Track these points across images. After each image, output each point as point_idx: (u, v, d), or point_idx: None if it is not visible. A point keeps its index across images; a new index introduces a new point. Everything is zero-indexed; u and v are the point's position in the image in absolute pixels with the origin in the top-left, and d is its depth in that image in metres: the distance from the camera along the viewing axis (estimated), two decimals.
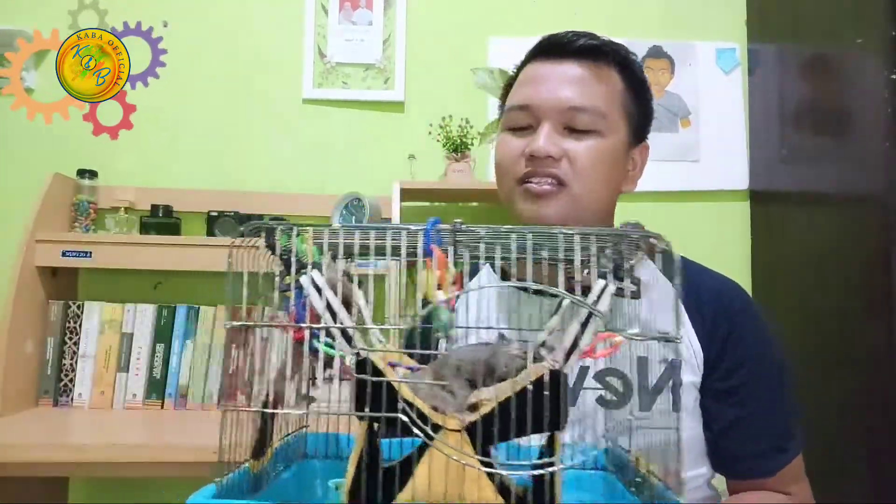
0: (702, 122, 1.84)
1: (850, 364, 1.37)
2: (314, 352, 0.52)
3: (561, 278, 0.50)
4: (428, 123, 1.70)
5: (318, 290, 0.53)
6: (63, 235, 1.52)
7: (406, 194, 1.61)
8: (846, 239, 1.42)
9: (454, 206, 1.81)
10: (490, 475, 0.44)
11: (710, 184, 1.83)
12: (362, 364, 0.47)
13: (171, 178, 1.73)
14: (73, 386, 1.51)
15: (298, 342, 0.54)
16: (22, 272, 1.44)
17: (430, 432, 0.45)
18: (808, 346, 1.50)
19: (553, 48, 0.83)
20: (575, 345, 0.49)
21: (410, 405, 0.46)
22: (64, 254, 1.47)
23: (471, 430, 0.45)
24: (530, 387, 0.45)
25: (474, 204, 1.82)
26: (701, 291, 0.81)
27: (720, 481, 0.85)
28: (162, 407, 1.51)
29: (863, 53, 1.39)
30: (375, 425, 0.46)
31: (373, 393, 0.46)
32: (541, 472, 0.44)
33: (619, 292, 0.51)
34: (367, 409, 0.46)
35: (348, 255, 0.56)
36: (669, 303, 0.64)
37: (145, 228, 1.58)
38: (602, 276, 0.52)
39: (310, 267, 0.53)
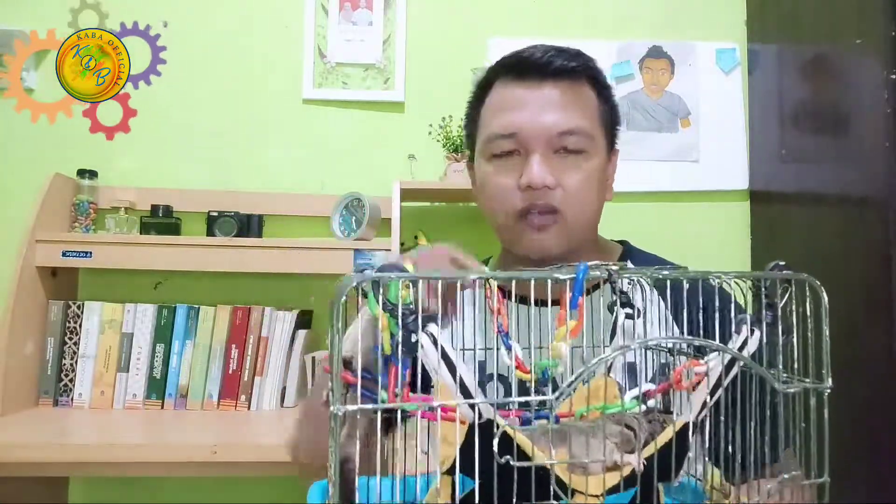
0: (702, 122, 1.84)
1: (851, 364, 1.37)
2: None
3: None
4: (428, 123, 1.70)
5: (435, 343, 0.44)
6: (63, 235, 1.52)
7: (406, 194, 1.61)
8: (846, 239, 1.42)
9: (454, 206, 1.81)
10: None
11: (709, 184, 1.83)
12: (488, 432, 0.39)
13: (171, 178, 1.73)
14: (73, 386, 1.51)
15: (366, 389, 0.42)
16: (22, 272, 1.44)
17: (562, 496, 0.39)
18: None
19: (526, 70, 0.82)
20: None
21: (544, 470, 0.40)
22: (64, 254, 1.47)
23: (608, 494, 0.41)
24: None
25: (474, 204, 1.82)
26: (679, 290, 0.80)
27: None
28: (162, 407, 1.51)
29: (863, 53, 1.39)
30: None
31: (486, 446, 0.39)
32: None
33: (771, 339, 0.47)
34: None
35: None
36: (649, 299, 0.64)
37: (145, 228, 1.58)
38: (755, 321, 0.48)
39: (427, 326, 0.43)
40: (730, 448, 0.47)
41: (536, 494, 0.39)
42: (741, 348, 0.46)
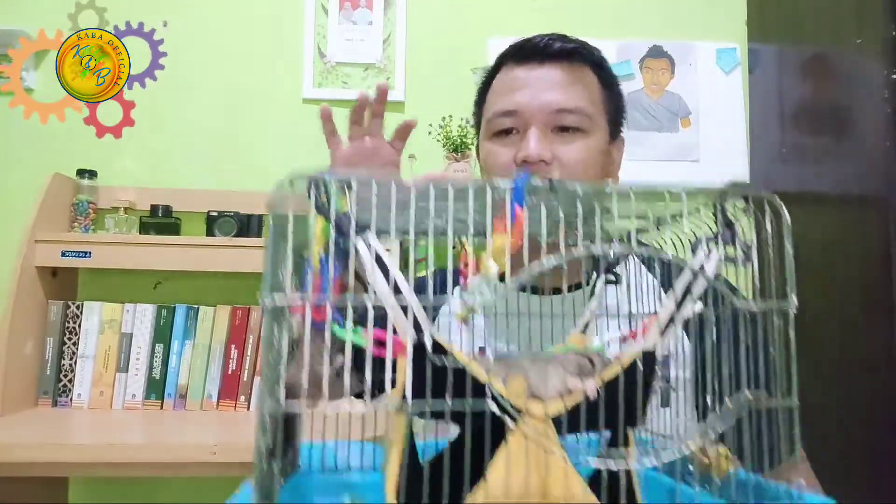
0: (702, 122, 1.84)
1: (851, 364, 1.37)
2: (324, 334, 0.41)
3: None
4: (428, 123, 1.70)
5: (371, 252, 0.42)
6: (63, 235, 1.52)
7: None
8: (846, 238, 1.42)
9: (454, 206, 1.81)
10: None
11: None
12: (420, 347, 0.39)
13: (171, 178, 1.73)
14: (73, 386, 1.51)
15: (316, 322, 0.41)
16: (21, 272, 1.44)
17: (513, 416, 0.39)
18: (808, 345, 1.50)
19: (529, 53, 0.85)
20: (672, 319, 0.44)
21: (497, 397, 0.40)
22: (63, 254, 1.47)
23: (556, 421, 0.40)
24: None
25: None
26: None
27: None
28: (161, 407, 1.51)
29: (863, 53, 1.39)
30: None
31: (440, 380, 0.38)
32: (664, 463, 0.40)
33: (729, 259, 0.45)
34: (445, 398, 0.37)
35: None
36: (648, 287, 0.63)
37: (145, 228, 1.58)
38: (711, 239, 0.46)
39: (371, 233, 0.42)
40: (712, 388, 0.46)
41: (509, 421, 0.39)
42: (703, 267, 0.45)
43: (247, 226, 1.59)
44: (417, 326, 0.40)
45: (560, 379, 0.43)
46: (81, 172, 1.63)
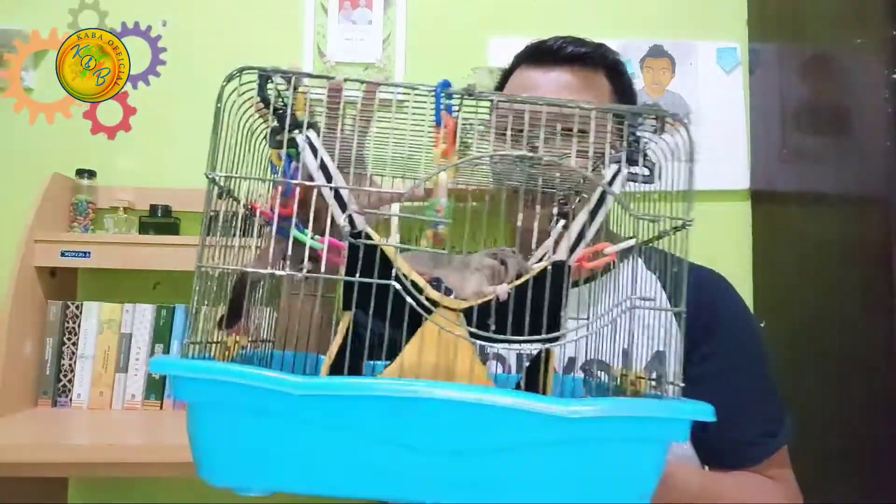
0: (702, 122, 1.83)
1: (851, 364, 1.37)
2: (285, 236, 0.49)
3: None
4: None
5: (315, 152, 0.49)
6: (62, 235, 1.52)
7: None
8: (847, 239, 1.42)
9: (454, 206, 1.81)
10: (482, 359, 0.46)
11: (710, 184, 1.82)
12: (357, 238, 0.47)
13: (171, 178, 1.73)
14: (72, 386, 1.51)
15: (282, 218, 0.50)
16: (20, 272, 1.43)
17: (425, 305, 0.45)
18: (808, 345, 1.50)
19: (542, 55, 0.86)
20: (581, 237, 0.50)
21: (416, 287, 0.46)
22: (63, 254, 1.47)
23: (469, 318, 0.46)
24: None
25: (474, 204, 1.82)
26: (676, 279, 0.82)
27: None
28: (161, 407, 1.51)
29: (863, 53, 1.38)
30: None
31: (368, 267, 0.46)
32: (540, 345, 0.46)
33: (632, 176, 0.49)
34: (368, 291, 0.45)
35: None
36: (648, 286, 0.67)
37: (144, 228, 1.58)
38: (616, 160, 0.50)
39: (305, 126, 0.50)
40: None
41: (395, 307, 0.45)
42: (611, 182, 0.50)
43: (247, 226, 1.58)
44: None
45: (477, 283, 0.49)
46: (81, 172, 1.63)
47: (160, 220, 1.59)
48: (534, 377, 0.51)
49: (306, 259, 0.47)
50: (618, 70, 0.87)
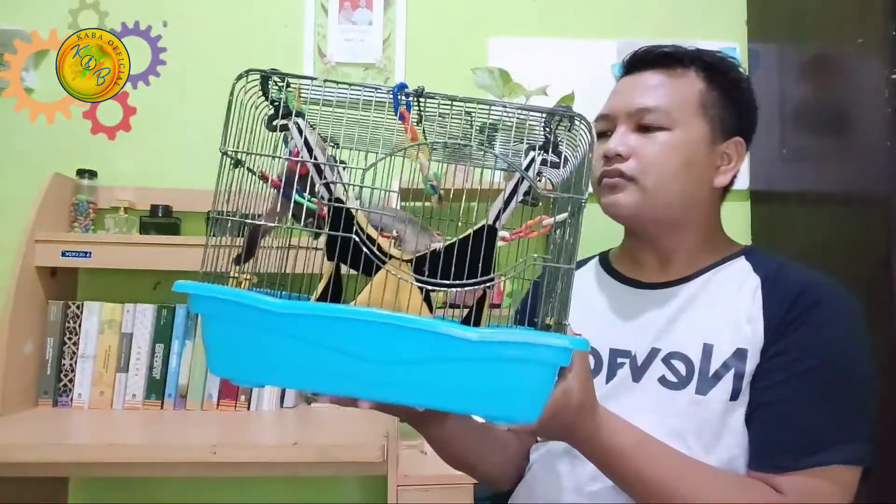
0: None
1: None
2: (288, 197, 0.64)
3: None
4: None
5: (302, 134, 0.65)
6: (62, 235, 1.52)
7: (406, 194, 1.61)
8: (847, 239, 1.42)
9: (454, 206, 1.81)
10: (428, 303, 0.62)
11: None
12: (337, 207, 0.62)
13: (171, 178, 1.73)
14: (73, 386, 1.51)
15: (275, 186, 0.66)
16: (21, 272, 1.44)
17: (380, 256, 0.61)
18: None
19: (634, 62, 0.92)
20: (507, 206, 0.65)
21: (371, 239, 0.62)
22: (63, 254, 1.47)
23: (416, 266, 0.62)
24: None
25: (474, 204, 1.82)
26: (783, 282, 0.82)
27: None
28: (161, 407, 1.51)
29: (863, 53, 1.38)
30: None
31: (344, 226, 0.62)
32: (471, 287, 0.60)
33: (544, 162, 0.63)
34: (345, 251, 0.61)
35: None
36: (748, 286, 0.83)
37: (145, 228, 1.58)
38: (532, 147, 0.63)
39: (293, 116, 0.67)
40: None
41: (375, 259, 0.61)
42: (528, 168, 0.64)
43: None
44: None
45: (424, 238, 0.65)
46: (81, 172, 1.63)
47: (161, 220, 1.59)
48: (476, 318, 0.67)
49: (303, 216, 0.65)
50: (716, 68, 0.88)
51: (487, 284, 0.61)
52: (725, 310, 0.82)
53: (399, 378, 0.58)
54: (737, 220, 1.83)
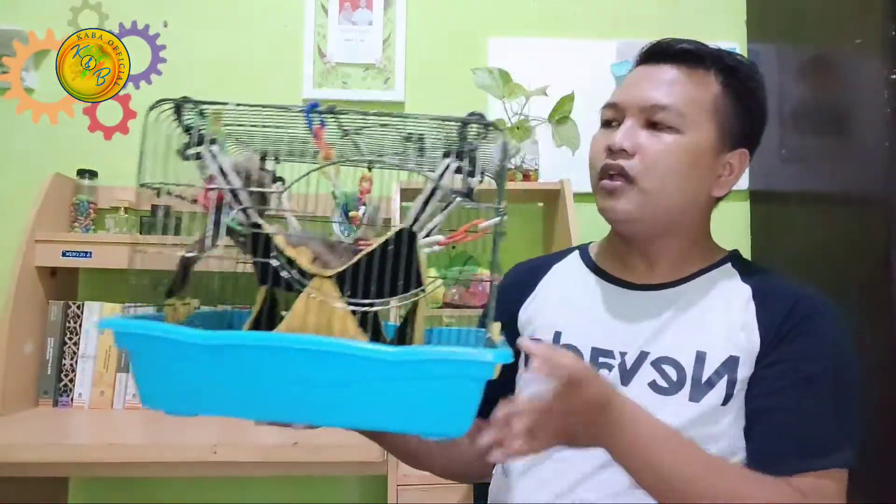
0: None
1: None
2: (216, 222, 0.66)
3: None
4: None
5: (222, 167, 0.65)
6: (63, 235, 1.52)
7: (406, 194, 1.61)
8: (846, 239, 1.42)
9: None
10: (356, 317, 0.60)
11: None
12: (257, 229, 0.63)
13: (171, 178, 1.73)
14: (73, 386, 1.51)
15: (205, 209, 0.68)
16: (22, 272, 1.44)
17: (301, 279, 0.61)
18: None
19: (654, 53, 0.87)
20: (422, 213, 0.63)
21: (291, 261, 0.62)
22: (64, 254, 1.47)
23: (341, 281, 0.61)
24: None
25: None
26: (775, 293, 0.82)
27: None
28: None
29: (863, 53, 1.39)
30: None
31: (264, 250, 0.62)
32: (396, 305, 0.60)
33: (459, 170, 0.63)
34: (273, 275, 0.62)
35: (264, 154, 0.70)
36: (739, 295, 0.82)
37: (145, 228, 1.58)
38: (446, 154, 0.63)
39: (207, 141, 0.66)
40: None
41: (293, 280, 0.61)
42: (442, 176, 0.63)
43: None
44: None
45: (341, 254, 0.64)
46: (82, 172, 1.63)
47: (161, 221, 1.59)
48: (406, 328, 0.67)
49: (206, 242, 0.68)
50: (736, 74, 0.84)
51: (415, 297, 0.61)
52: (717, 317, 0.81)
53: (325, 401, 0.59)
54: (736, 220, 1.83)
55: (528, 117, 1.61)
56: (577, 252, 0.98)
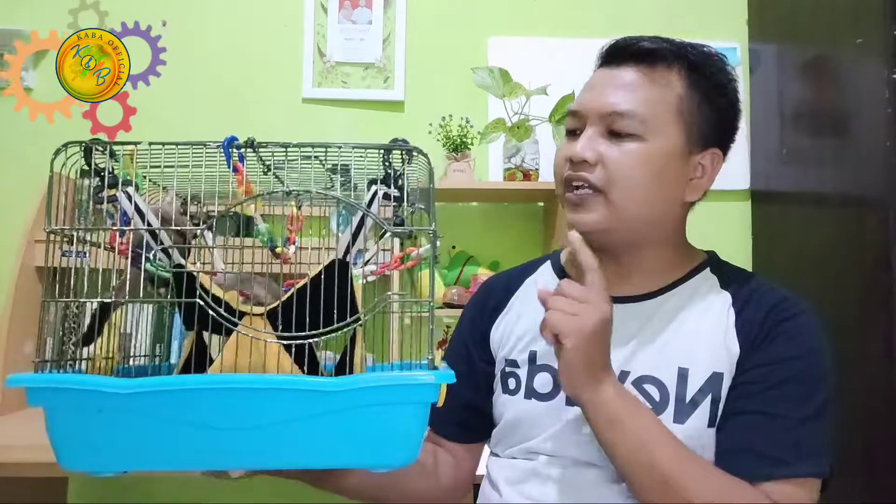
0: None
1: (850, 364, 1.37)
2: (136, 264, 0.63)
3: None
4: (428, 123, 1.70)
5: (139, 208, 0.64)
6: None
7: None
8: (846, 239, 1.42)
9: (454, 205, 1.81)
10: (289, 353, 0.58)
11: None
12: (179, 272, 0.60)
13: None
14: None
15: (122, 254, 0.65)
16: (21, 272, 1.44)
17: (231, 318, 0.59)
18: None
19: (614, 53, 0.82)
20: (354, 242, 0.64)
21: (219, 300, 0.59)
22: (64, 254, 1.47)
23: (272, 318, 0.59)
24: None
25: (474, 204, 1.82)
26: (754, 300, 0.79)
27: None
28: None
29: (863, 53, 1.38)
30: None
31: (188, 291, 0.60)
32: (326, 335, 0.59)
33: (387, 196, 0.64)
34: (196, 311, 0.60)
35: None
36: (719, 305, 0.79)
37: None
38: (373, 181, 0.64)
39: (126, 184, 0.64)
40: None
41: (221, 319, 0.59)
42: (370, 203, 0.64)
43: (246, 226, 1.58)
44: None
45: (273, 291, 0.64)
46: (82, 172, 1.63)
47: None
48: (347, 360, 0.64)
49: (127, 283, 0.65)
50: (701, 71, 0.80)
51: (351, 326, 0.59)
52: (698, 331, 0.78)
53: (263, 443, 0.56)
54: (737, 220, 1.83)
55: (528, 117, 1.62)
56: (549, 262, 0.95)
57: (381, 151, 0.62)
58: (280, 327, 0.58)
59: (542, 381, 0.82)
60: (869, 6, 1.37)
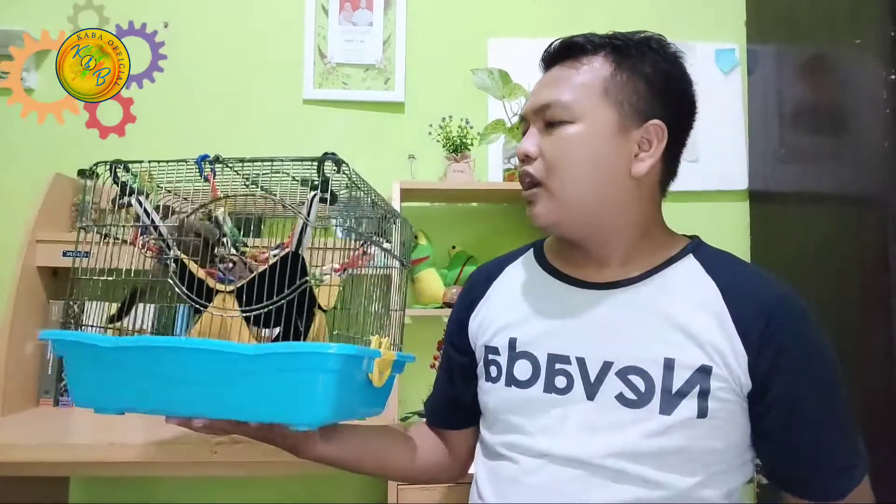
0: (701, 123, 1.83)
1: (850, 364, 1.37)
2: (159, 259, 0.81)
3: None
4: (428, 124, 1.71)
5: (148, 212, 0.83)
6: (63, 235, 1.52)
7: (406, 194, 1.62)
8: (845, 239, 1.42)
9: (454, 206, 1.81)
10: (252, 328, 0.73)
11: (709, 184, 1.83)
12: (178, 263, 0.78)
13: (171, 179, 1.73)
14: None
15: (150, 251, 0.83)
16: (22, 272, 1.44)
17: (200, 301, 0.75)
18: None
19: (545, 60, 0.89)
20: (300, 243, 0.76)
21: (202, 282, 0.75)
22: (64, 254, 1.47)
23: (239, 297, 0.73)
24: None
25: (474, 204, 1.83)
26: (748, 293, 0.77)
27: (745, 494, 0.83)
28: None
29: (862, 53, 1.39)
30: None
31: (187, 280, 0.76)
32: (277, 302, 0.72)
33: (323, 200, 0.75)
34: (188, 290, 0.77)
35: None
36: (706, 294, 0.78)
37: (146, 228, 1.58)
38: (314, 187, 0.75)
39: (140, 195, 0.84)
40: None
41: (191, 301, 0.75)
42: (310, 207, 0.75)
43: (245, 226, 1.59)
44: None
45: (245, 272, 0.77)
46: (82, 172, 1.63)
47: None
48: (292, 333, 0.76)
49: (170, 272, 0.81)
50: (622, 50, 0.81)
51: (282, 300, 0.71)
52: (685, 322, 0.76)
53: (208, 396, 0.69)
54: (736, 220, 1.84)
55: None
56: (531, 250, 0.96)
57: (316, 163, 0.74)
58: (244, 303, 0.72)
59: (522, 369, 0.83)
60: (867, 6, 1.37)
